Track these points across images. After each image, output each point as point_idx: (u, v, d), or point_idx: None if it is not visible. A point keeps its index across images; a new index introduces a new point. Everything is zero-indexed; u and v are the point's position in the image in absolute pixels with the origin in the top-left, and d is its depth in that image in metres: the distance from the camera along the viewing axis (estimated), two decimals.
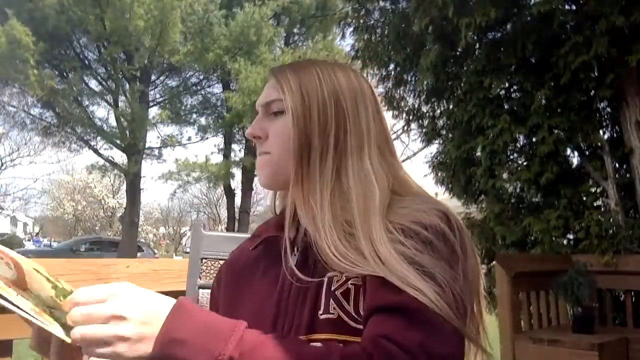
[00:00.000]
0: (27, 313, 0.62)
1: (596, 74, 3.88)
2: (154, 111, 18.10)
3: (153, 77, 18.32)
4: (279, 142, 0.80)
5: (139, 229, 23.91)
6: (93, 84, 17.51)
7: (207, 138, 18.84)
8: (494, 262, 3.32)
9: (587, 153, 4.17)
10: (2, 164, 26.73)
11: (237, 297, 0.83)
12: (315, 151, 0.77)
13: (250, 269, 0.84)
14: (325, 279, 0.72)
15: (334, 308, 0.70)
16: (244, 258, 0.87)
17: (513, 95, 4.52)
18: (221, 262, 0.98)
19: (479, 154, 4.54)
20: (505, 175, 4.44)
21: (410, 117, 5.46)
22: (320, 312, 0.71)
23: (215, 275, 0.93)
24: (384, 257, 0.66)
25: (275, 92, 0.81)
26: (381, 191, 0.75)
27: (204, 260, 1.10)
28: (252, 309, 0.78)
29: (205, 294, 1.02)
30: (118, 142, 16.92)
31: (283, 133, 0.79)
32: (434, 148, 5.26)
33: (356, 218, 0.72)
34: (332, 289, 0.71)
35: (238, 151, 19.38)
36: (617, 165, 4.04)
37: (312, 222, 0.75)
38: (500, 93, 4.51)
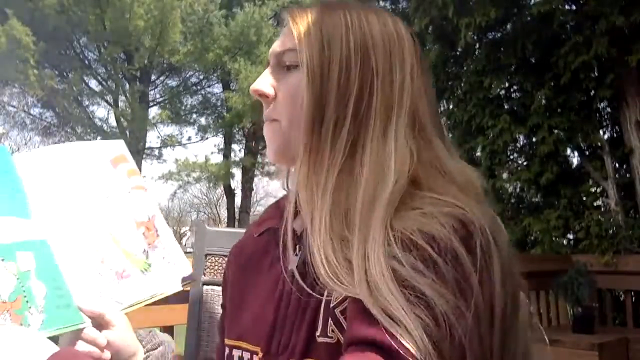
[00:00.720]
0: None
1: (596, 74, 3.89)
2: (154, 111, 18.08)
3: (153, 77, 18.31)
4: (289, 105, 0.66)
5: None
6: (93, 84, 17.51)
7: (207, 138, 18.82)
8: None
9: (587, 153, 4.18)
10: None
11: (243, 291, 0.74)
12: (330, 118, 0.61)
13: (258, 259, 0.73)
14: (325, 292, 0.59)
15: (332, 331, 0.59)
16: (249, 246, 0.77)
17: (513, 95, 4.53)
18: (226, 258, 0.98)
19: (479, 154, 4.55)
20: (505, 175, 4.46)
21: None
22: (318, 333, 0.60)
23: (221, 270, 0.92)
24: (372, 278, 0.52)
25: (290, 40, 0.65)
26: (397, 178, 0.59)
27: (208, 257, 1.10)
28: (254, 311, 0.69)
29: (209, 290, 1.02)
30: None
31: (295, 93, 0.64)
32: None
33: (357, 215, 0.57)
34: (332, 305, 0.59)
35: (238, 151, 19.38)
36: (617, 165, 4.05)
37: (310, 209, 0.61)
38: (500, 93, 4.52)
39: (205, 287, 1.04)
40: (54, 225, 0.68)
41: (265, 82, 0.68)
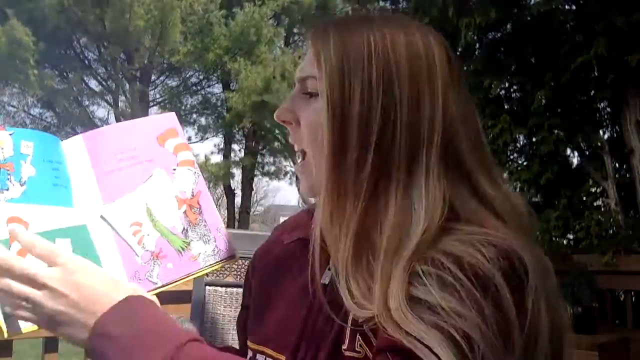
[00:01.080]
0: None
1: (596, 74, 3.89)
2: (154, 111, 18.09)
3: (153, 77, 18.32)
4: (311, 135, 0.62)
5: None
6: (93, 84, 17.55)
7: (207, 138, 18.84)
8: None
9: (587, 153, 4.19)
10: None
11: (269, 294, 0.73)
12: (351, 156, 0.57)
13: (287, 264, 0.71)
14: None
15: (361, 346, 0.57)
16: (278, 249, 0.75)
17: (513, 95, 4.54)
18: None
19: None
20: (505, 175, 4.46)
21: None
22: (344, 347, 0.58)
23: (223, 271, 0.92)
24: (393, 306, 0.50)
25: (312, 66, 0.61)
26: (424, 228, 0.54)
27: None
28: (280, 316, 0.68)
29: (211, 291, 1.03)
30: None
31: (316, 124, 0.60)
32: None
33: (380, 257, 0.54)
34: (360, 320, 0.56)
35: (238, 151, 19.40)
36: (617, 165, 4.05)
37: (333, 248, 0.59)
38: (500, 93, 4.53)
39: (207, 287, 1.04)
40: (94, 210, 0.70)
41: (286, 110, 0.65)
